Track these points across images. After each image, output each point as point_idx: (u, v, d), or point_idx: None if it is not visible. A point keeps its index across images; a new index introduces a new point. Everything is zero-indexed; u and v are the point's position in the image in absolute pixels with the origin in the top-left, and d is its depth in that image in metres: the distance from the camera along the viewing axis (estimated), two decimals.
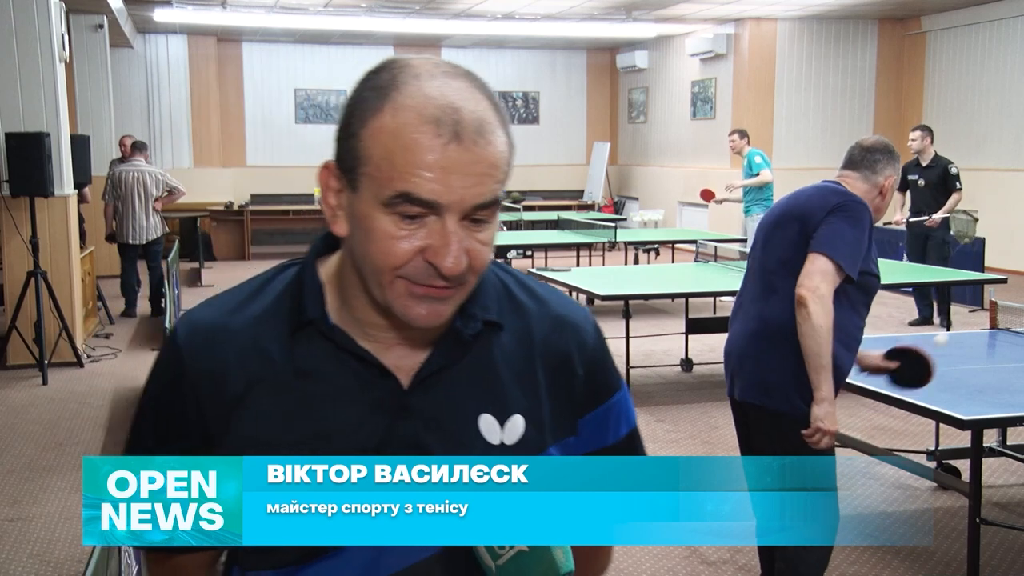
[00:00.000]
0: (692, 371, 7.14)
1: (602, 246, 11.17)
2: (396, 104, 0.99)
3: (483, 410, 1.10)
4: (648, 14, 13.70)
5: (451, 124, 0.98)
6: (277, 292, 1.13)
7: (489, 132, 1.01)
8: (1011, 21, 12.37)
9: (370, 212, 1.00)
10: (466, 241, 1.00)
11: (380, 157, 0.99)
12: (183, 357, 1.10)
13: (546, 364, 1.15)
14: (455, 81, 1.02)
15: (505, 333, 1.14)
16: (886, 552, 3.99)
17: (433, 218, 0.99)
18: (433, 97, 0.99)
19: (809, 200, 3.02)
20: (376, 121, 1.00)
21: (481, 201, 1.00)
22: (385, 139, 0.99)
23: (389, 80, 1.01)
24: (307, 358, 1.09)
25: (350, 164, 1.02)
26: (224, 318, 1.11)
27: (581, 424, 1.17)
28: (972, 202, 12.94)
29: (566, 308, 1.20)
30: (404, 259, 1.00)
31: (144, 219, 9.26)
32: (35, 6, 7.25)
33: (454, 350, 1.10)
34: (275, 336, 1.09)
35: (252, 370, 1.08)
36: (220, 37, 15.88)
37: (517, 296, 1.17)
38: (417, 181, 0.97)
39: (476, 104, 1.01)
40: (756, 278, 3.09)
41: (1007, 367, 4.22)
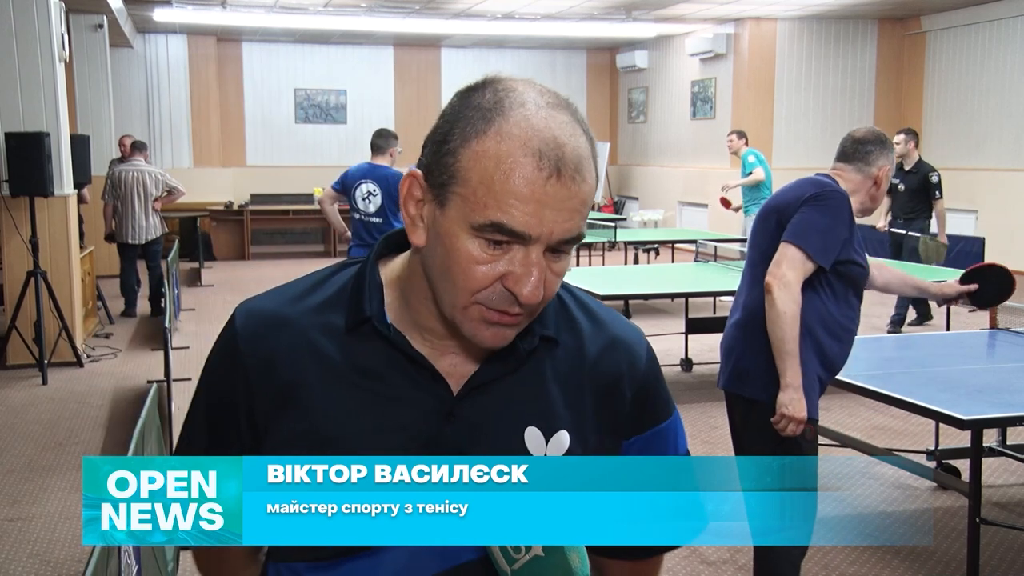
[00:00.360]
0: (692, 371, 7.14)
1: (602, 246, 11.16)
2: (502, 131, 1.00)
3: (530, 423, 1.11)
4: (648, 14, 13.70)
5: (554, 160, 0.99)
6: (337, 288, 1.14)
7: (585, 170, 1.02)
8: (1011, 21, 12.37)
9: (456, 232, 1.01)
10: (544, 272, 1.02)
11: (477, 181, 0.99)
12: (239, 343, 1.11)
13: (596, 383, 1.15)
14: (560, 115, 1.03)
15: (559, 349, 1.14)
16: (886, 552, 3.99)
17: (518, 247, 1.00)
18: (539, 129, 1.00)
19: (788, 192, 3.05)
20: (479, 144, 1.00)
21: (568, 236, 1.02)
22: (486, 164, 0.99)
23: (494, 103, 1.02)
24: (361, 355, 1.10)
25: (442, 180, 1.02)
26: (283, 307, 1.12)
27: (626, 446, 1.17)
28: (972, 202, 12.97)
29: (622, 330, 1.20)
30: (484, 284, 1.01)
31: (143, 219, 9.26)
32: (35, 6, 7.25)
33: (508, 362, 1.11)
34: (331, 331, 1.10)
35: (305, 363, 1.09)
36: (220, 37, 15.88)
37: (574, 314, 1.18)
38: (512, 212, 0.98)
39: (577, 141, 1.02)
40: (746, 272, 3.14)
41: (1007, 367, 4.22)
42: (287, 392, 1.09)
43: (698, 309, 7.84)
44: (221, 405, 1.13)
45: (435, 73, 17.27)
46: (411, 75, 17.16)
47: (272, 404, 1.09)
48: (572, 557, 1.00)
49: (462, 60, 17.50)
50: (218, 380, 1.14)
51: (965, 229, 12.51)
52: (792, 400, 2.86)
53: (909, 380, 3.80)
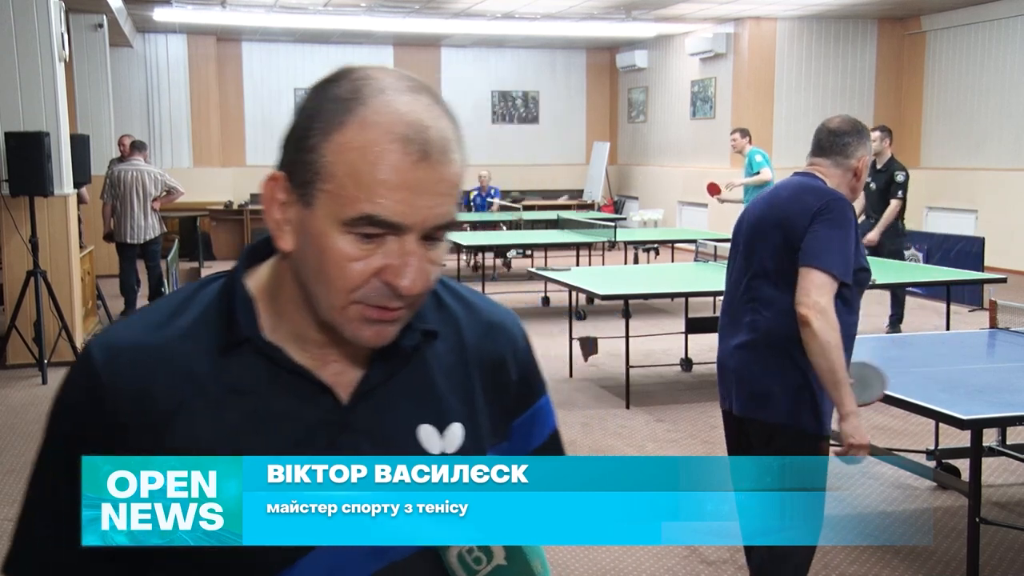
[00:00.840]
0: (692, 371, 7.14)
1: (602, 246, 11.17)
2: (364, 120, 0.96)
3: (422, 420, 1.08)
4: (648, 13, 13.70)
5: (420, 143, 0.96)
6: (203, 307, 1.07)
7: (452, 151, 0.99)
8: (1011, 21, 12.37)
9: (327, 230, 0.97)
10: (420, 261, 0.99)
11: (344, 174, 0.95)
12: (102, 382, 1.03)
13: (481, 370, 1.13)
14: (422, 97, 0.99)
15: (439, 341, 1.12)
16: (886, 552, 3.99)
17: (392, 238, 0.97)
18: (403, 114, 0.96)
19: (788, 206, 2.92)
20: (341, 136, 0.96)
21: (442, 222, 0.98)
22: (351, 155, 0.95)
23: (352, 92, 0.98)
24: (239, 376, 1.04)
25: (306, 178, 0.98)
26: (146, 337, 1.05)
27: (513, 428, 1.16)
28: (972, 202, 12.97)
29: (496, 313, 1.18)
30: (361, 281, 0.97)
31: (142, 219, 9.26)
32: (35, 6, 7.25)
33: (394, 363, 1.08)
34: (204, 353, 1.04)
35: (182, 391, 1.03)
36: (220, 36, 15.88)
37: (447, 303, 1.15)
38: (383, 202, 0.95)
39: (441, 123, 0.99)
40: (740, 287, 3.01)
41: (1007, 367, 4.22)
42: (165, 424, 1.02)
43: (698, 309, 7.85)
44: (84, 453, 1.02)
45: (435, 73, 17.26)
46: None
47: (154, 432, 1.02)
48: (535, 564, 0.98)
49: (462, 60, 17.50)
50: (78, 427, 1.04)
51: (965, 229, 12.50)
52: (856, 429, 2.75)
53: (909, 380, 3.80)
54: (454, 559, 1.01)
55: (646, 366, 7.16)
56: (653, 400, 6.44)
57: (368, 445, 1.05)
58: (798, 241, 2.85)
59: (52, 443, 1.06)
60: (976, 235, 10.84)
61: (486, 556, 1.00)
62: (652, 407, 6.27)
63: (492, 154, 17.21)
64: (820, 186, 2.96)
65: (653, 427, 5.82)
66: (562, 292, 8.50)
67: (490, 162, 16.49)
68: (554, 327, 8.76)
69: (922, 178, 14.10)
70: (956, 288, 7.55)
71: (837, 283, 2.81)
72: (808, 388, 2.87)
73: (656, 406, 6.30)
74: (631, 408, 6.22)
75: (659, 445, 5.47)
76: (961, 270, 8.15)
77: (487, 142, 17.43)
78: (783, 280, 2.88)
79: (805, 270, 2.81)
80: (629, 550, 4.02)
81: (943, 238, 10.53)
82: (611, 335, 7.36)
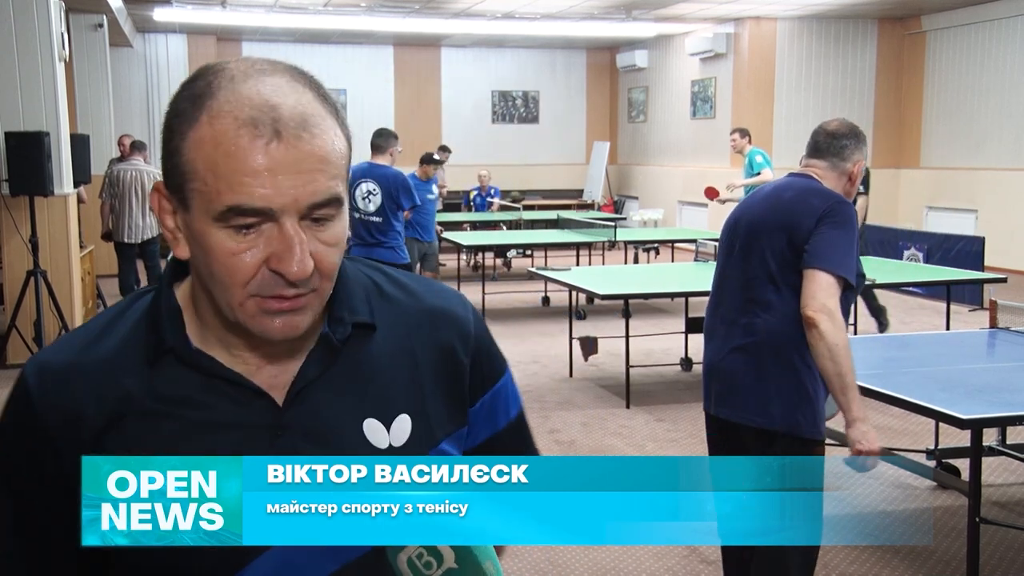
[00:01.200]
0: (692, 370, 7.14)
1: (602, 245, 11.17)
2: (212, 111, 0.95)
3: (366, 415, 1.07)
4: (648, 13, 13.70)
5: (270, 123, 0.94)
6: (132, 322, 1.06)
7: (313, 125, 0.96)
8: (1011, 21, 12.37)
9: (205, 229, 0.96)
10: (310, 244, 0.96)
11: (204, 170, 0.94)
12: (33, 402, 1.02)
13: (429, 359, 1.11)
14: (272, 78, 0.97)
15: (379, 332, 1.10)
16: (886, 552, 3.99)
17: (269, 224, 0.95)
18: (248, 98, 0.95)
19: (793, 207, 2.86)
20: (195, 132, 0.95)
21: (317, 200, 0.95)
22: (206, 149, 0.94)
23: (204, 87, 0.97)
24: (173, 387, 1.03)
25: (177, 182, 0.97)
26: (75, 356, 1.04)
27: (472, 413, 1.14)
28: (972, 202, 12.97)
29: (442, 298, 1.16)
30: (250, 273, 0.95)
31: (140, 218, 9.26)
32: (35, 6, 7.25)
33: (325, 358, 1.06)
34: (134, 368, 1.03)
35: (111, 407, 1.02)
36: (220, 36, 15.88)
37: (388, 293, 1.13)
38: (245, 190, 0.93)
39: (297, 98, 0.97)
40: (735, 289, 2.94)
41: (1007, 367, 4.22)
42: (95, 441, 1.02)
43: (698, 309, 7.82)
44: (23, 477, 1.03)
45: (435, 73, 17.26)
46: (411, 75, 17.15)
47: (85, 451, 1.01)
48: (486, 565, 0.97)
49: (462, 60, 17.50)
50: (15, 451, 1.04)
51: (965, 229, 12.50)
52: (865, 434, 2.68)
53: (909, 380, 3.80)
54: (403, 564, 0.99)
55: (646, 366, 7.16)
56: (653, 400, 6.44)
57: (308, 444, 1.04)
58: (803, 243, 2.79)
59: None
60: (976, 235, 10.84)
61: (436, 559, 0.98)
62: (652, 407, 6.27)
63: (492, 154, 17.22)
64: (824, 188, 2.91)
65: (653, 427, 5.82)
66: (562, 292, 8.50)
67: (490, 162, 16.50)
68: (554, 327, 8.76)
69: (922, 178, 14.11)
70: (956, 288, 7.55)
71: (842, 285, 2.77)
72: (805, 393, 2.81)
73: (656, 406, 6.30)
74: (631, 408, 6.22)
75: (659, 445, 5.47)
76: (961, 270, 8.14)
77: (487, 142, 17.44)
78: (784, 283, 2.82)
79: (811, 272, 2.75)
80: (629, 550, 4.02)
81: (943, 238, 10.53)
82: (611, 335, 7.36)
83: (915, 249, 10.63)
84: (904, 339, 5.34)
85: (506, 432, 1.18)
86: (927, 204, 13.94)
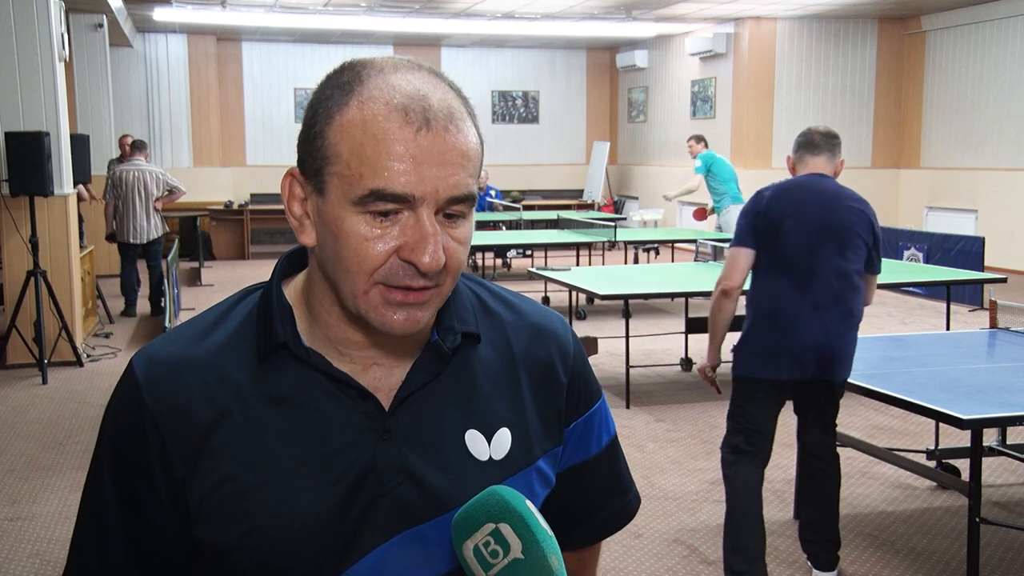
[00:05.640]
0: (692, 370, 7.14)
1: (602, 245, 11.17)
2: (362, 96, 0.95)
3: (469, 426, 1.06)
4: (648, 13, 13.70)
5: (420, 111, 0.94)
6: (242, 318, 1.07)
7: (459, 120, 0.97)
8: (1011, 21, 12.37)
9: (340, 214, 0.96)
10: (442, 238, 0.96)
11: (349, 152, 0.95)
12: (142, 396, 1.02)
13: (530, 375, 1.12)
14: (420, 72, 0.99)
15: (483, 345, 1.10)
16: (886, 552, 3.99)
17: (407, 213, 0.95)
18: (400, 86, 0.96)
19: (867, 209, 3.48)
20: (342, 116, 0.96)
21: (456, 194, 0.95)
22: (353, 133, 0.94)
23: (353, 76, 0.98)
24: (281, 384, 1.03)
25: (316, 166, 0.98)
26: (185, 350, 1.05)
27: (567, 433, 1.15)
28: (972, 202, 12.97)
29: (543, 317, 1.17)
30: (380, 260, 0.95)
31: (144, 219, 9.27)
32: (35, 6, 7.26)
33: (434, 366, 1.06)
34: (243, 364, 1.04)
35: (220, 402, 1.02)
36: (220, 36, 15.88)
37: (491, 307, 1.14)
38: (389, 174, 0.93)
39: (444, 93, 0.98)
40: (835, 278, 3.43)
41: (1007, 367, 4.22)
42: (204, 436, 1.01)
43: (698, 309, 7.83)
44: (132, 470, 1.03)
45: None
46: None
47: (192, 454, 1.01)
48: (551, 559, 0.96)
49: (462, 60, 17.50)
50: (125, 442, 1.04)
51: (965, 229, 12.51)
52: None
53: (909, 380, 3.80)
54: (470, 552, 0.97)
55: (646, 366, 7.16)
56: (653, 400, 6.44)
57: (412, 451, 1.03)
58: (875, 250, 3.50)
59: (103, 465, 1.06)
60: (976, 235, 10.84)
61: (503, 548, 0.96)
62: (652, 407, 6.27)
63: (492, 154, 17.20)
64: (856, 195, 3.51)
65: (653, 427, 5.82)
66: (562, 292, 8.50)
67: (490, 162, 16.48)
68: None
69: (922, 178, 14.11)
70: (956, 288, 7.55)
71: None
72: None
73: (656, 406, 6.30)
74: (631, 408, 6.22)
75: (659, 445, 5.47)
76: (961, 270, 8.14)
77: (487, 142, 17.38)
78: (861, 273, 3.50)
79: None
80: (629, 550, 4.02)
81: (943, 238, 10.53)
82: (611, 335, 7.36)
83: (915, 249, 10.63)
84: (904, 339, 5.33)
85: (598, 459, 1.19)
86: (927, 204, 13.94)
